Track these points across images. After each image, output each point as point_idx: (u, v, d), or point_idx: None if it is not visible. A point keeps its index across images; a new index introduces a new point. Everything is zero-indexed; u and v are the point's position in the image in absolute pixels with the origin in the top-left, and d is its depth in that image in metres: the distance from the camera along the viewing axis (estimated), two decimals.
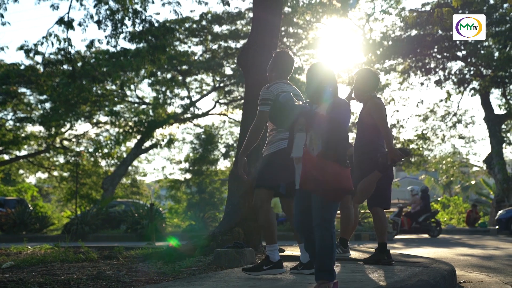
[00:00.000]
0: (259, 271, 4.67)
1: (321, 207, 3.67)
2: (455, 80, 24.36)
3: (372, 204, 5.66)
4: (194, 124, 29.46)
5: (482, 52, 21.91)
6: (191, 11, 50.37)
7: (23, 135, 27.94)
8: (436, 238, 16.33)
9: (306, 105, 3.95)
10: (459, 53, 23.37)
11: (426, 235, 17.83)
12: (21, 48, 16.44)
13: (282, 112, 4.15)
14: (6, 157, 30.59)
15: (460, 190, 40.69)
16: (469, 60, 23.31)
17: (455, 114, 26.70)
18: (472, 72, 24.04)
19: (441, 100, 26.56)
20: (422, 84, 24.65)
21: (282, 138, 4.77)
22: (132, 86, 27.39)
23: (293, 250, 7.48)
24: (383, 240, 5.56)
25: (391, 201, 5.89)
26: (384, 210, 5.76)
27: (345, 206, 6.52)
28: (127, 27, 13.65)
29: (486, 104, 24.60)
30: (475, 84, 24.13)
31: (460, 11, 20.72)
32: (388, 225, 5.72)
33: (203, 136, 28.26)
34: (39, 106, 27.25)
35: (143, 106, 27.97)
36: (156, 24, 13.80)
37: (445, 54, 23.39)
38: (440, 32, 21.52)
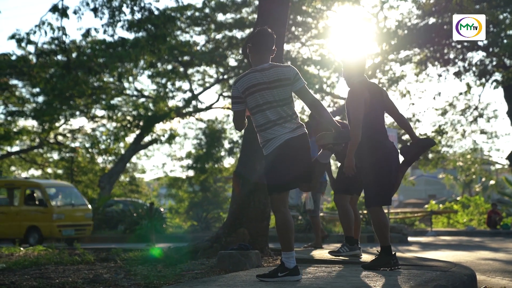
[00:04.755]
0: (274, 277, 4.63)
1: None
2: (476, 71, 24.25)
3: (370, 202, 5.42)
4: (196, 119, 29.49)
5: (505, 41, 21.78)
6: None
7: (15, 129, 28.02)
8: (454, 241, 16.30)
9: None
10: (480, 43, 23.25)
11: (444, 237, 17.80)
12: (12, 37, 16.44)
13: None
14: None
15: (481, 190, 40.59)
16: (491, 50, 23.19)
17: (476, 108, 26.57)
18: (494, 63, 23.92)
19: (461, 93, 26.46)
20: (440, 75, 24.56)
21: (269, 139, 4.67)
22: (130, 78, 27.42)
23: (302, 253, 7.47)
24: (387, 243, 5.36)
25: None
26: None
27: (340, 204, 6.56)
28: (125, 15, 13.65)
29: (510, 97, 24.46)
30: (497, 76, 24.00)
31: None
32: (389, 224, 5.50)
33: (207, 131, 28.27)
34: (32, 99, 27.32)
35: (142, 99, 28.01)
36: (156, 12, 13.78)
37: (465, 43, 23.27)
38: None
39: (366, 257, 6.57)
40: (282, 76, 4.72)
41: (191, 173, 28.47)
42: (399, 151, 5.58)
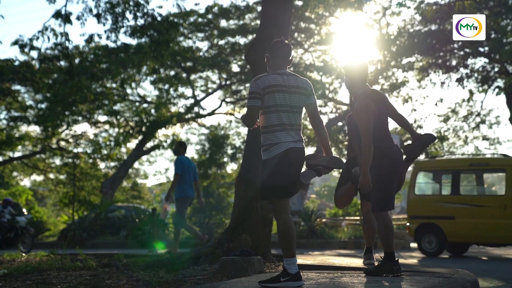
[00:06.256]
0: (276, 282, 4.64)
1: None
2: (478, 78, 24.24)
3: (375, 207, 5.44)
4: (199, 124, 29.50)
5: (507, 48, 21.79)
6: (196, 4, 50.32)
7: (17, 135, 28.04)
8: None
9: None
10: (482, 49, 23.25)
11: None
12: (15, 43, 16.51)
13: None
14: None
15: None
16: (493, 56, 23.18)
17: (478, 114, 26.57)
18: (496, 70, 23.92)
19: (463, 100, 26.45)
20: (443, 83, 24.55)
21: (274, 143, 4.70)
22: (133, 84, 27.45)
23: (304, 259, 7.46)
24: (391, 249, 5.34)
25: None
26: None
27: (365, 214, 6.51)
28: (128, 21, 13.68)
29: None
30: (500, 82, 24.00)
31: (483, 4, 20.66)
32: (393, 230, 5.50)
33: (210, 137, 28.30)
34: (34, 105, 27.34)
35: (145, 105, 28.04)
36: (159, 18, 13.82)
37: (466, 50, 23.27)
38: None
39: (357, 262, 6.54)
40: (301, 85, 4.85)
41: None
42: (403, 151, 5.64)
